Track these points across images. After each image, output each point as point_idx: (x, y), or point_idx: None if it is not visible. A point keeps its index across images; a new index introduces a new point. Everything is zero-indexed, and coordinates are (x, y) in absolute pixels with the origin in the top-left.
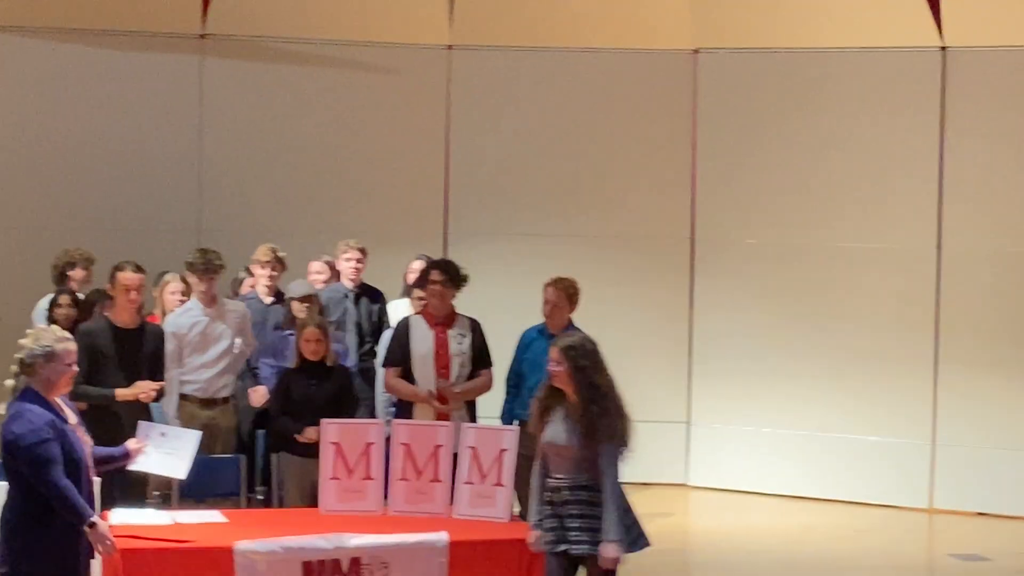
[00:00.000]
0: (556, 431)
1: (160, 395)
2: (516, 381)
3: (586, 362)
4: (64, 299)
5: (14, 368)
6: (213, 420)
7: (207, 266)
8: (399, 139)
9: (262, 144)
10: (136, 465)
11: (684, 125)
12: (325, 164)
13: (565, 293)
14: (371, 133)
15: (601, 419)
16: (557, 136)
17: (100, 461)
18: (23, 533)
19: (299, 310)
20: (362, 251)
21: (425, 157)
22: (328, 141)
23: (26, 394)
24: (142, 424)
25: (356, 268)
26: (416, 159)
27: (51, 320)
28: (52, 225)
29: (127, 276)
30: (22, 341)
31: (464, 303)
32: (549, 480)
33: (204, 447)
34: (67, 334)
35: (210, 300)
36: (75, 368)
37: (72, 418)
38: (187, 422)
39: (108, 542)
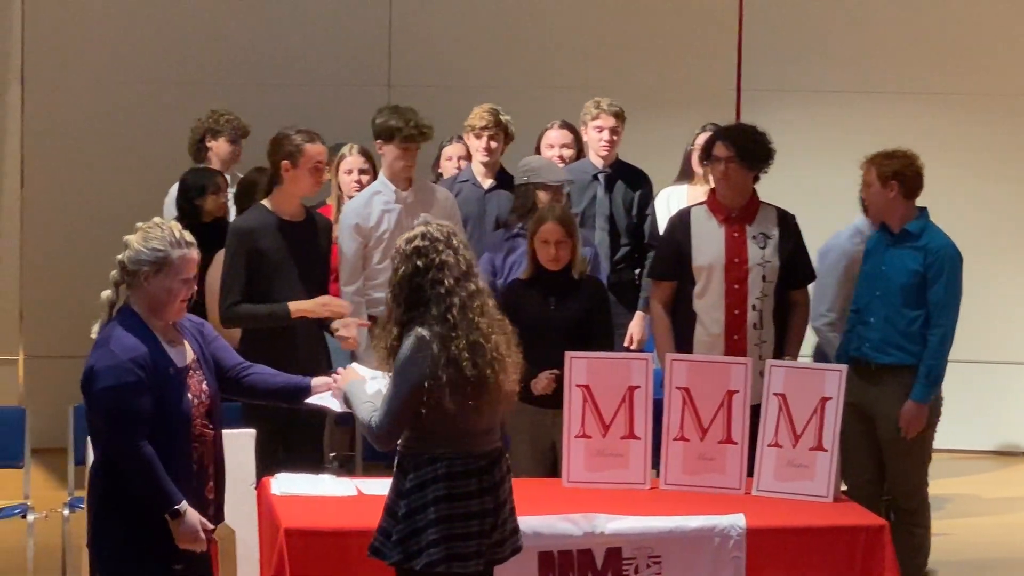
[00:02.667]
0: None
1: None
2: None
3: (416, 263)
4: (218, 181)
5: (114, 275)
6: None
7: (411, 131)
8: None
9: None
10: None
11: None
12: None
13: (892, 173)
14: None
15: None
16: None
17: (269, 394)
18: (110, 509)
19: (545, 202)
20: (618, 115)
21: None
22: None
23: (123, 315)
24: (353, 368)
25: (610, 140)
26: None
27: (192, 211)
28: (201, 78)
29: (318, 149)
30: (128, 238)
31: (771, 191)
32: None
33: None
34: (189, 236)
35: (407, 180)
36: (193, 287)
37: (187, 356)
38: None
39: (197, 537)
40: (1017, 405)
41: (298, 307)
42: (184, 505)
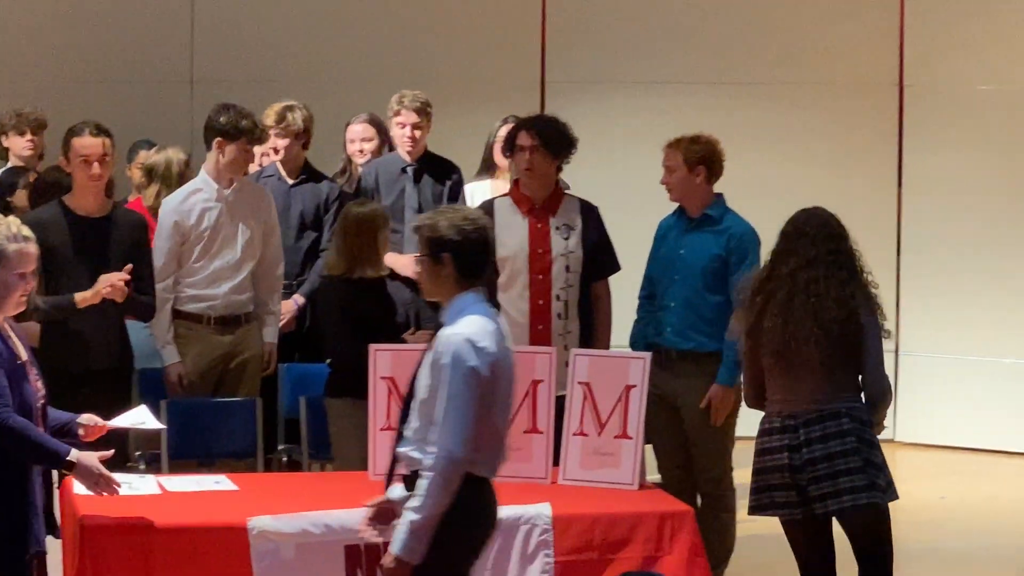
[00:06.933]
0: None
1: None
2: (650, 289)
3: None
4: (28, 177)
5: None
6: (238, 347)
7: (252, 131)
8: None
9: None
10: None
11: None
12: None
13: (699, 158)
14: None
15: None
16: None
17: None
18: None
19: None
20: (421, 110)
21: None
22: None
23: None
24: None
25: (412, 136)
26: None
27: (6, 209)
28: (5, 76)
29: (85, 143)
30: None
31: (575, 182)
32: None
33: (226, 388)
34: (28, 231)
35: (230, 179)
36: (32, 281)
37: (23, 354)
38: (196, 351)
39: (101, 477)
40: None
41: (82, 296)
42: (75, 452)
